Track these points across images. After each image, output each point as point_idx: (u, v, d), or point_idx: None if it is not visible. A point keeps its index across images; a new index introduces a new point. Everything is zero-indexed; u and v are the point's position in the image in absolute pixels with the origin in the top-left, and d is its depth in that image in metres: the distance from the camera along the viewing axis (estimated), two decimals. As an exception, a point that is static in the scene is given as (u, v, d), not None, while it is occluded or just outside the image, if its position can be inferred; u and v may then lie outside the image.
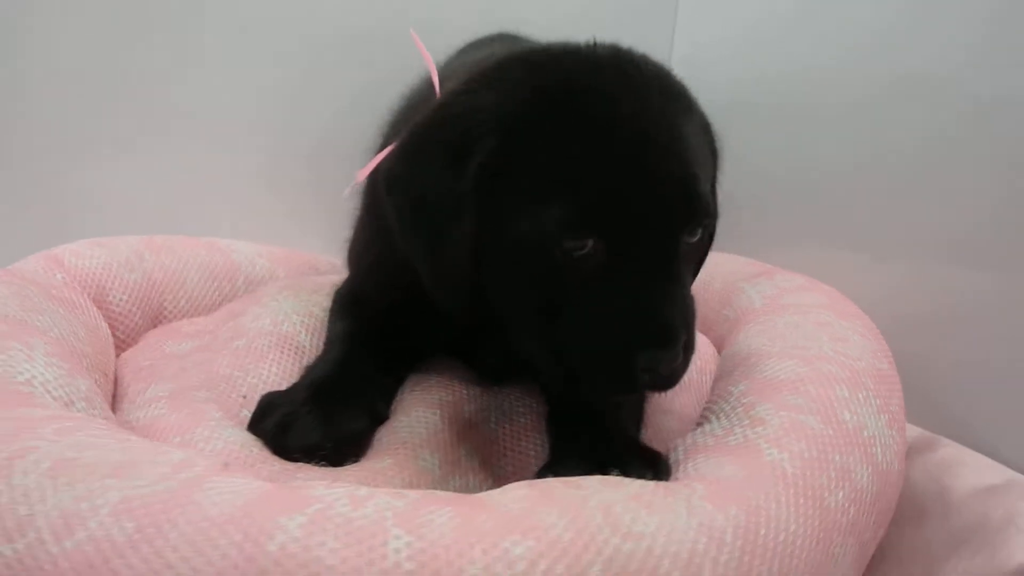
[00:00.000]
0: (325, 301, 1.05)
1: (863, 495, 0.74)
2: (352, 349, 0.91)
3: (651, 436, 0.90)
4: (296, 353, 0.97)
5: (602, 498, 0.62)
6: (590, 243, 0.69)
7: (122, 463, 0.60)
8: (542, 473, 0.74)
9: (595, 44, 0.78)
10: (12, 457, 0.59)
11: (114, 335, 1.04)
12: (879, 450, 0.79)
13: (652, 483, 0.67)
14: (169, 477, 0.58)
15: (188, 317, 1.16)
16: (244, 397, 0.89)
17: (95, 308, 1.02)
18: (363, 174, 0.93)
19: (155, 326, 1.13)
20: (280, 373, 0.94)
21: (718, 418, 0.83)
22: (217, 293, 1.20)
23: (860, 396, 0.83)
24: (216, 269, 1.21)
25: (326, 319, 1.02)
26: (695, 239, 0.74)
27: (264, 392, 0.89)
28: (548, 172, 0.69)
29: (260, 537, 0.54)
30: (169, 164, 1.41)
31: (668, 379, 0.72)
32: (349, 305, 0.99)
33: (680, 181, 0.71)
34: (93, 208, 1.37)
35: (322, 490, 0.59)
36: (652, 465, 0.73)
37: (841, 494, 0.72)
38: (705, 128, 0.80)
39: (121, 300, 1.07)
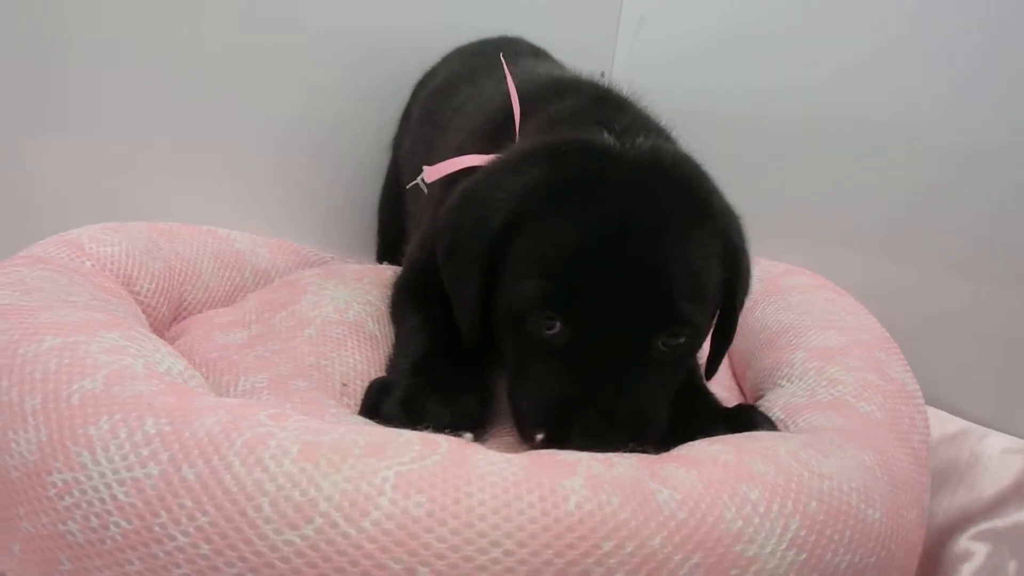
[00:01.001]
0: (376, 291, 1.05)
1: (925, 437, 0.89)
2: (440, 332, 0.92)
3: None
4: (371, 341, 0.96)
5: (786, 447, 0.70)
6: (557, 324, 0.75)
7: (369, 444, 0.59)
8: (690, 434, 0.80)
9: (636, 140, 0.84)
10: (254, 445, 0.57)
11: (143, 328, 0.97)
12: (919, 400, 0.94)
13: (805, 434, 0.76)
14: (427, 454, 0.59)
15: (207, 308, 1.09)
16: (344, 385, 0.88)
17: (131, 298, 0.94)
18: (433, 175, 0.98)
19: (176, 318, 1.05)
20: (365, 360, 0.92)
21: (791, 381, 0.94)
22: (229, 283, 1.14)
23: (893, 358, 0.99)
24: (226, 258, 1.15)
25: (387, 308, 1.01)
26: (676, 343, 0.77)
27: (356, 379, 0.88)
28: (534, 254, 0.77)
29: (554, 498, 0.57)
30: (139, 150, 1.29)
31: None
32: (420, 292, 0.99)
33: (653, 285, 0.75)
34: (56, 197, 1.23)
35: (575, 456, 0.63)
36: (767, 420, 0.82)
37: (916, 437, 0.86)
38: (727, 247, 0.81)
39: (148, 290, 0.99)
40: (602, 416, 0.73)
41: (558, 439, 0.72)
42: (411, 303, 0.99)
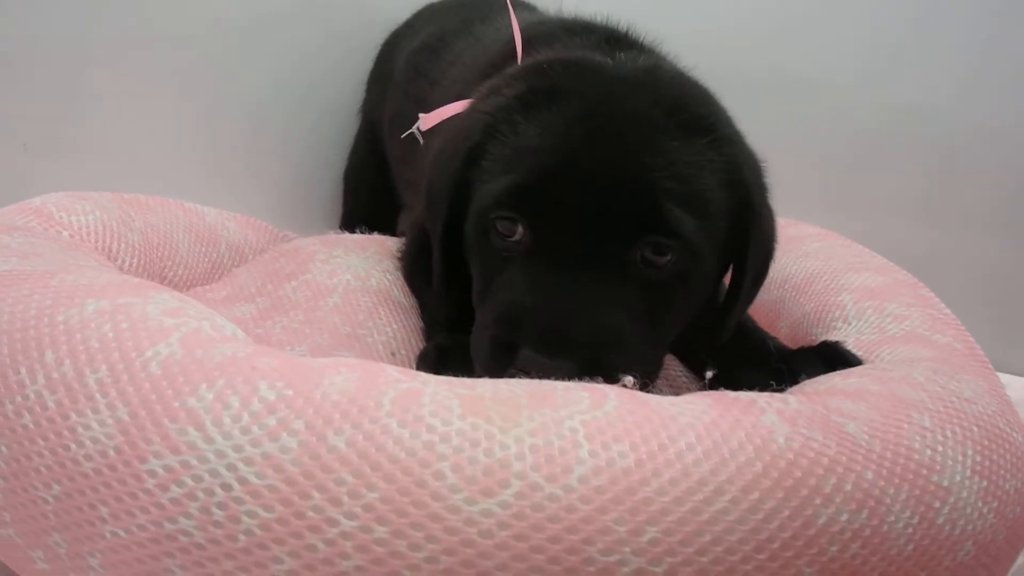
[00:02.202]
0: (387, 260, 0.94)
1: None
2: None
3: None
4: (402, 309, 0.86)
5: (920, 374, 0.66)
6: (519, 229, 0.68)
7: (531, 394, 0.50)
8: (793, 375, 0.74)
9: (635, 61, 0.79)
10: (406, 403, 0.47)
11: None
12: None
13: (928, 364, 0.72)
14: (601, 401, 0.51)
15: (189, 286, 0.93)
16: (393, 355, 0.77)
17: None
18: (429, 121, 0.90)
19: (159, 299, 0.90)
20: (403, 329, 0.83)
21: (848, 322, 0.91)
22: (207, 259, 0.98)
23: (930, 293, 0.98)
24: (200, 233, 0.99)
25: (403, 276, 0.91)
26: (663, 260, 0.68)
27: (400, 348, 0.79)
28: (501, 160, 0.71)
29: (760, 437, 0.50)
30: (91, 119, 1.11)
31: None
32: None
33: (629, 185, 0.66)
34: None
35: (748, 394, 0.56)
36: (856, 356, 0.77)
37: (987, 360, 0.85)
38: (733, 174, 0.71)
39: (131, 264, 0.84)
40: (550, 331, 0.63)
41: (503, 359, 0.63)
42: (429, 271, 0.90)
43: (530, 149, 0.69)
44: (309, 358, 0.52)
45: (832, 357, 0.76)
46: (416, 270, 0.91)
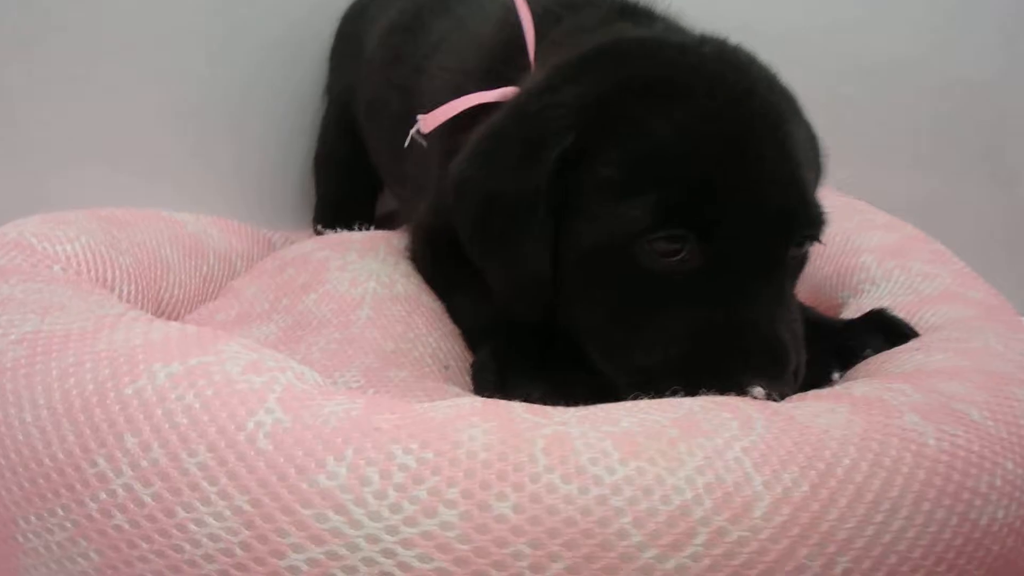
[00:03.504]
0: (403, 262, 0.87)
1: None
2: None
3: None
4: (436, 316, 0.79)
5: (993, 339, 0.66)
6: (684, 247, 0.60)
7: (676, 423, 0.46)
8: (854, 352, 0.72)
9: (702, 37, 0.72)
10: (558, 452, 0.42)
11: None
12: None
13: (986, 326, 0.71)
14: (750, 422, 0.47)
15: (186, 308, 0.85)
16: (446, 368, 0.72)
17: (119, 307, 0.70)
18: (431, 123, 0.81)
19: (158, 326, 0.80)
20: (446, 337, 0.77)
21: (876, 284, 0.90)
22: (198, 274, 0.89)
23: (941, 247, 0.98)
24: (186, 245, 0.89)
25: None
26: (801, 251, 0.66)
27: (450, 359, 0.73)
28: (633, 165, 0.61)
29: (917, 443, 0.47)
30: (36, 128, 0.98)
31: None
32: (455, 261, 0.81)
33: (788, 184, 0.63)
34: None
35: (863, 385, 0.54)
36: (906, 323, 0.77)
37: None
38: (812, 140, 0.71)
39: (129, 292, 0.75)
40: (772, 357, 0.58)
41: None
42: (454, 266, 0.81)
43: (675, 150, 0.60)
44: (425, 404, 0.46)
45: (888, 328, 0.74)
46: (439, 272, 0.85)
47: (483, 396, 0.65)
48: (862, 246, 0.98)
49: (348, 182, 1.24)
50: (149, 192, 1.11)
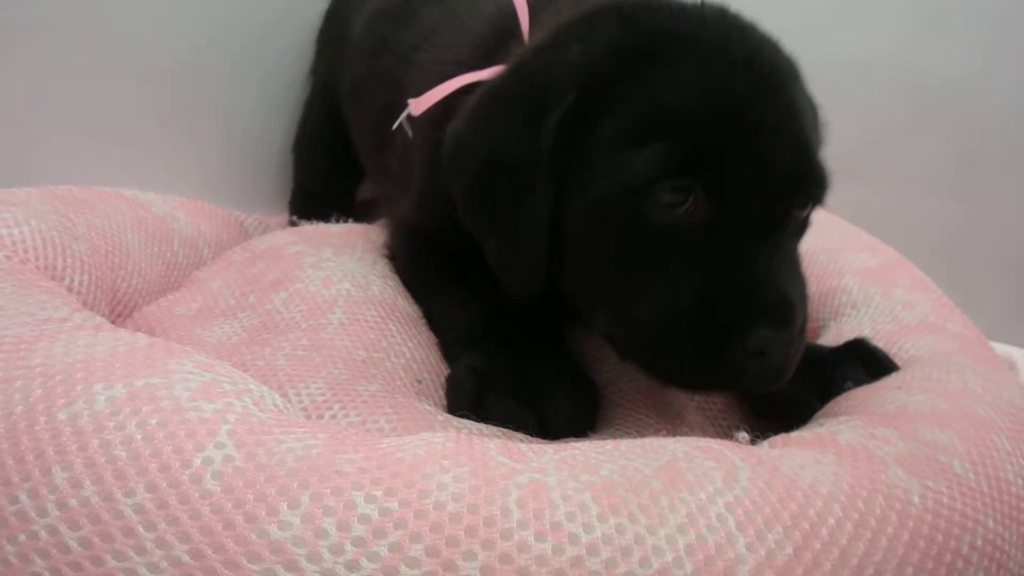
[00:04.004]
0: (381, 260, 0.84)
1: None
2: (487, 292, 0.73)
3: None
4: (411, 322, 0.76)
5: (969, 380, 0.64)
6: (690, 198, 0.59)
7: (659, 472, 0.43)
8: (832, 382, 0.70)
9: (701, 2, 0.69)
10: (534, 505, 0.39)
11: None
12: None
13: (964, 363, 0.69)
14: (735, 472, 0.44)
15: (145, 298, 0.80)
16: (419, 382, 0.68)
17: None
18: (422, 105, 0.76)
19: (114, 316, 0.76)
20: (420, 346, 0.73)
21: (856, 309, 0.88)
22: (161, 262, 0.84)
23: (921, 273, 0.96)
24: (149, 229, 0.85)
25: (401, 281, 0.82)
26: (804, 214, 0.66)
27: (423, 371, 0.70)
28: (641, 119, 0.60)
29: (898, 501, 0.45)
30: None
31: (778, 371, 0.59)
32: (437, 258, 0.80)
33: (795, 143, 0.62)
34: None
35: (848, 433, 0.51)
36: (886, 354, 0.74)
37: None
38: (813, 106, 0.70)
39: (81, 283, 0.69)
40: (779, 303, 0.58)
41: (719, 346, 0.56)
42: (435, 269, 0.80)
43: (685, 105, 0.59)
44: (392, 441, 0.42)
45: (869, 359, 0.73)
46: (418, 274, 0.81)
47: (456, 414, 0.63)
48: (845, 268, 0.96)
49: (328, 166, 1.19)
50: (123, 164, 1.07)
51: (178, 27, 1.09)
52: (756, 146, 0.59)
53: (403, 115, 0.80)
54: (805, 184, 0.63)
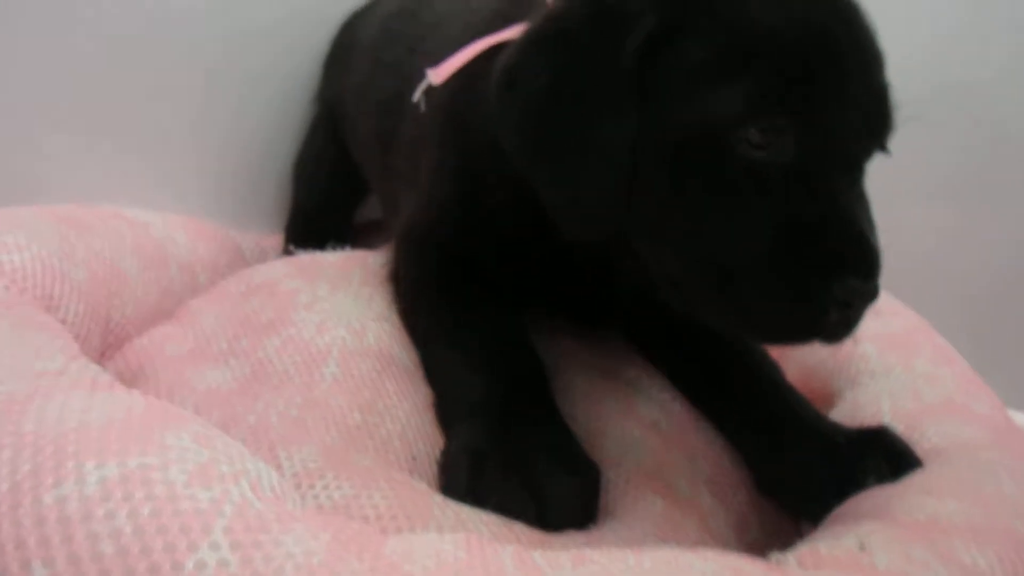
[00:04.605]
0: (378, 295, 0.81)
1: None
2: (503, 347, 0.71)
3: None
4: (408, 377, 0.73)
5: (1003, 484, 0.62)
6: (779, 138, 0.57)
7: None
8: (852, 475, 0.67)
9: None
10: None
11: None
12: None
13: (995, 460, 0.66)
14: None
15: (139, 327, 0.77)
16: (414, 459, 0.65)
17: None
18: (443, 74, 0.72)
19: (104, 345, 0.73)
20: (415, 410, 0.69)
21: (874, 379, 0.84)
22: (157, 288, 0.82)
23: (942, 340, 0.93)
24: (148, 253, 0.83)
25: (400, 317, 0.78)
26: (868, 163, 0.64)
27: (419, 441, 0.67)
28: (728, 46, 0.57)
29: None
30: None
31: (849, 325, 0.59)
32: (451, 284, 0.76)
33: (877, 79, 0.61)
34: None
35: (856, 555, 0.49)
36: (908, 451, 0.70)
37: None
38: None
39: (76, 312, 0.68)
40: (870, 253, 0.56)
41: (813, 306, 0.56)
42: (445, 307, 0.75)
43: (776, 35, 0.56)
44: (398, 543, 0.40)
45: (892, 454, 0.68)
46: (421, 305, 0.76)
47: (452, 497, 0.59)
48: (863, 332, 0.92)
49: (328, 187, 1.18)
50: (124, 173, 1.05)
51: (188, 44, 1.07)
52: (845, 81, 0.58)
53: (421, 87, 0.76)
54: (887, 128, 0.62)
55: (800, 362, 0.93)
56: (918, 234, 1.28)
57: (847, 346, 0.89)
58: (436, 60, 0.74)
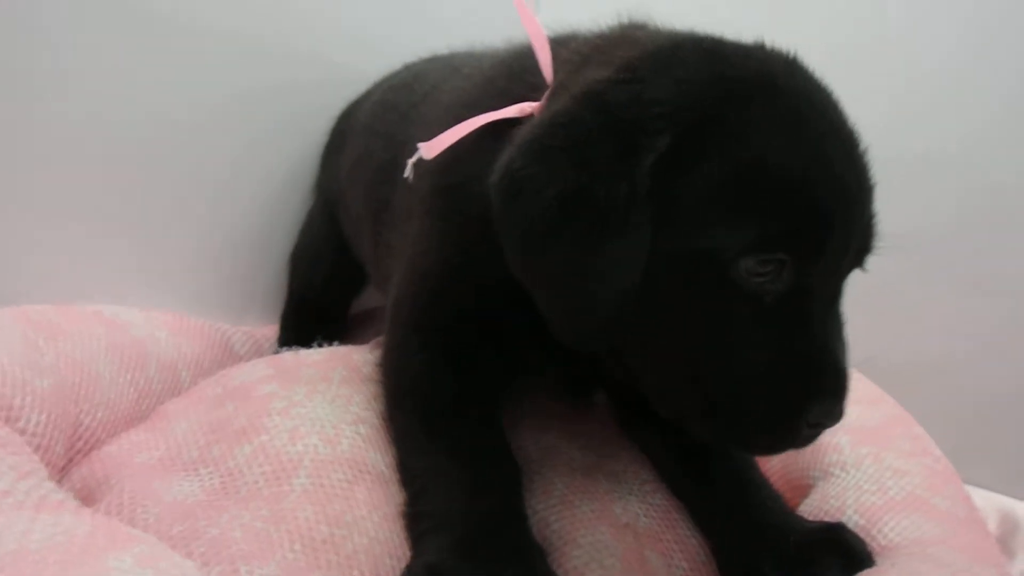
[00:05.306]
0: (357, 396, 0.79)
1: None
2: (482, 466, 0.68)
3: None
4: (380, 484, 0.71)
5: None
6: (779, 270, 0.58)
7: None
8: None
9: (762, 44, 0.66)
10: None
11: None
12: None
13: (934, 560, 0.65)
14: None
15: (109, 432, 0.76)
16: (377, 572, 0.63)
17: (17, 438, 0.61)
18: (436, 148, 0.71)
19: (70, 452, 0.71)
20: (385, 522, 0.67)
21: (845, 471, 0.83)
22: (133, 390, 0.81)
23: (921, 430, 0.92)
24: (125, 353, 0.82)
25: (379, 417, 0.77)
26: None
27: (385, 556, 0.65)
28: (739, 180, 0.57)
29: None
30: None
31: (817, 436, 0.64)
32: (436, 380, 0.74)
33: (871, 212, 0.64)
34: None
35: None
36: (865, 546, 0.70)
37: (984, 524, 0.81)
38: None
39: (39, 423, 0.66)
40: (841, 378, 0.60)
41: (792, 422, 0.60)
42: (426, 414, 0.73)
43: (786, 171, 0.57)
44: None
45: (846, 552, 0.68)
46: (402, 407, 0.74)
47: None
48: (841, 423, 0.92)
49: (325, 277, 1.17)
50: (110, 263, 1.04)
51: (180, 126, 1.07)
52: (848, 218, 0.60)
53: (412, 159, 0.75)
54: (870, 250, 0.64)
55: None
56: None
57: (824, 436, 0.89)
58: (428, 128, 0.75)
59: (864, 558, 0.68)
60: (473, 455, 0.69)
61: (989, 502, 1.16)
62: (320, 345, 0.92)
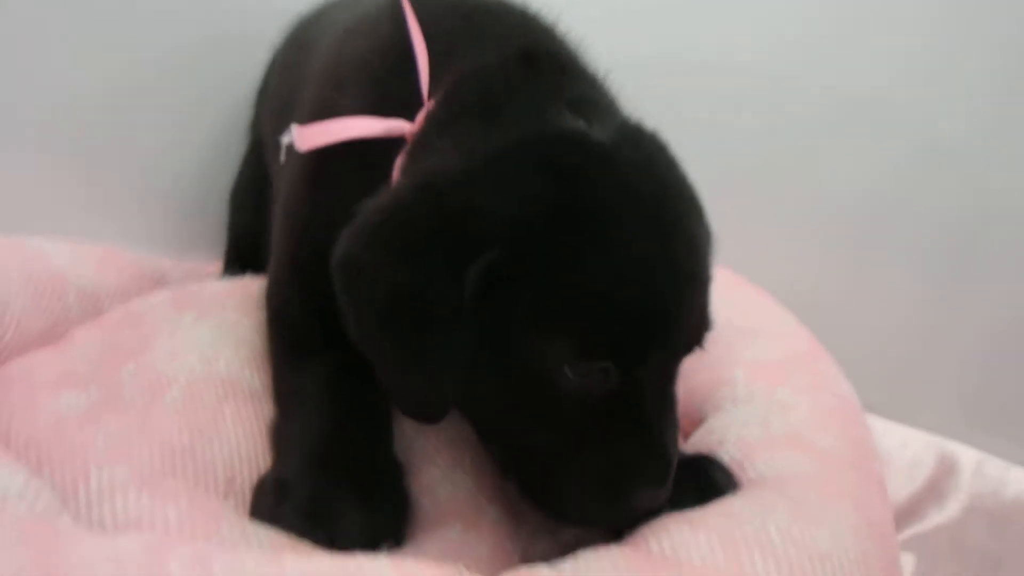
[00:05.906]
0: (247, 320, 0.84)
1: (879, 458, 0.85)
2: (343, 393, 0.73)
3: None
4: (252, 402, 0.76)
5: (776, 525, 0.62)
6: (604, 373, 0.62)
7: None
8: None
9: (622, 129, 0.68)
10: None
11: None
12: (862, 414, 0.89)
13: (785, 498, 0.67)
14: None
15: (19, 352, 0.83)
16: (230, 480, 0.69)
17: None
18: (308, 140, 0.74)
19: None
20: (248, 436, 0.73)
21: (736, 405, 0.85)
22: (47, 316, 0.87)
23: (831, 368, 0.93)
24: (40, 281, 0.88)
25: (263, 342, 0.82)
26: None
27: (243, 467, 0.70)
28: (564, 297, 0.61)
29: None
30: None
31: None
32: (307, 322, 0.78)
33: (702, 310, 0.68)
34: None
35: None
36: (729, 476, 0.72)
37: (876, 464, 0.81)
38: (710, 239, 0.71)
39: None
40: (665, 465, 0.64)
41: (618, 504, 0.64)
42: (297, 342, 0.78)
43: (610, 291, 0.61)
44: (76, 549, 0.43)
45: (703, 484, 0.70)
46: (286, 335, 0.79)
47: (258, 521, 0.63)
48: (739, 358, 0.93)
49: (257, 215, 1.21)
50: (63, 197, 1.12)
51: (137, 64, 1.14)
52: (672, 328, 0.64)
53: (286, 139, 0.77)
54: (703, 336, 0.68)
55: (681, 385, 0.94)
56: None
57: (722, 371, 0.91)
58: (310, 90, 0.80)
59: (722, 489, 0.70)
60: (340, 378, 0.73)
61: (928, 444, 1.17)
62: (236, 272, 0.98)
